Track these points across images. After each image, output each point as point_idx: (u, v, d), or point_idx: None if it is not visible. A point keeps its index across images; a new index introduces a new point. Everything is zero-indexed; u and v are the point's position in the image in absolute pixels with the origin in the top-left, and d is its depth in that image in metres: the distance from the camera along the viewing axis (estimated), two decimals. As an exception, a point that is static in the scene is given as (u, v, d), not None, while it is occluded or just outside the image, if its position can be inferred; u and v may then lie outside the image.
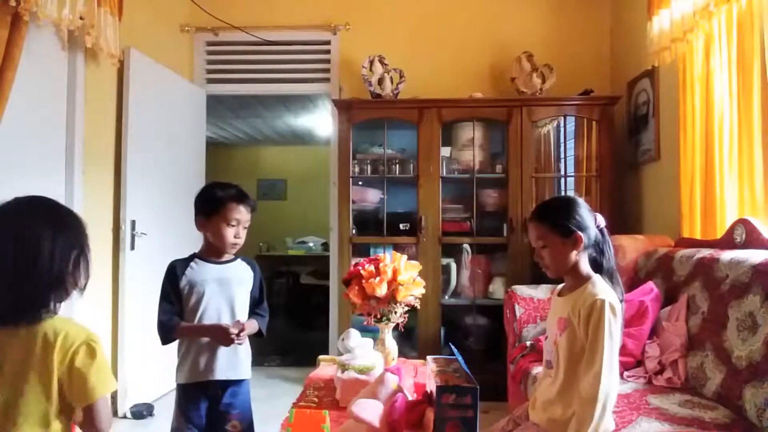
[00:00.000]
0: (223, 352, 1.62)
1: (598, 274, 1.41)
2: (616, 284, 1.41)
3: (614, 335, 1.28)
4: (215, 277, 1.67)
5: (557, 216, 1.39)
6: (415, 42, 3.67)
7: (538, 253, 1.44)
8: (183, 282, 1.65)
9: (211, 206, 1.66)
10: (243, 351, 1.69)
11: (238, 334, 1.58)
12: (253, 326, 1.70)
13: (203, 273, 1.66)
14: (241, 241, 1.68)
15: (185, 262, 1.69)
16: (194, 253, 1.73)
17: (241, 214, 1.65)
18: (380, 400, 1.33)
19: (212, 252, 1.70)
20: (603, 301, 1.29)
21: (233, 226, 1.65)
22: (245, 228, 1.69)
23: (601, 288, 1.34)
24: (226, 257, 1.72)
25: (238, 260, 1.75)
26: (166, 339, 1.64)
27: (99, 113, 2.77)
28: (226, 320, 1.64)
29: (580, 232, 1.36)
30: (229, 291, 1.67)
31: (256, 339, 1.75)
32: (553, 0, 3.66)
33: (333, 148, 3.66)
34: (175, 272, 1.67)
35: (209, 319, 1.63)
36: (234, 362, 1.65)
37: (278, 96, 4.90)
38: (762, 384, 1.50)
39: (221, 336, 1.58)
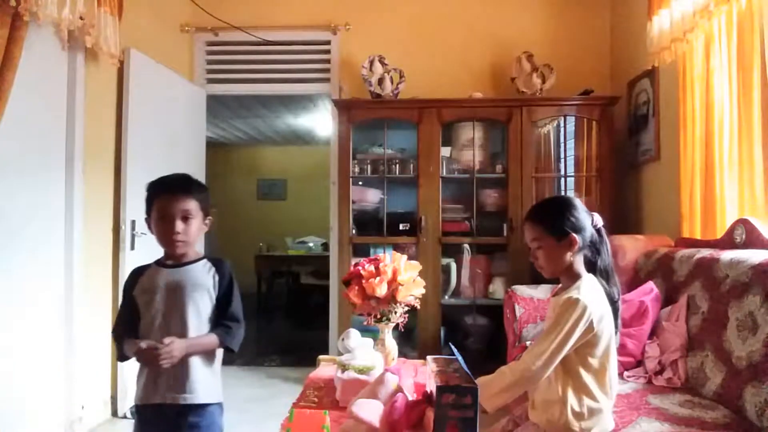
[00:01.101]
0: (166, 370, 1.37)
1: (594, 273, 1.41)
2: (612, 284, 1.41)
3: (571, 336, 1.28)
4: (166, 283, 1.46)
5: (552, 217, 1.39)
6: (415, 42, 3.67)
7: (533, 253, 1.44)
8: (136, 290, 1.48)
9: (146, 202, 1.49)
10: (199, 370, 1.43)
11: (154, 358, 1.32)
12: (204, 342, 1.43)
13: (155, 279, 1.47)
14: (185, 237, 1.45)
15: (144, 267, 1.52)
16: (158, 259, 1.54)
17: (175, 204, 1.44)
18: (380, 400, 1.33)
19: (168, 255, 1.51)
20: (577, 300, 1.30)
21: (168, 220, 1.43)
22: (191, 218, 1.46)
23: (585, 290, 1.34)
24: (186, 259, 1.50)
25: (202, 261, 1.52)
26: (119, 355, 1.48)
27: (99, 113, 2.77)
28: (176, 332, 1.40)
29: (574, 234, 1.36)
30: (180, 298, 1.44)
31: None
32: (554, 0, 3.66)
33: (333, 148, 3.66)
34: (130, 279, 1.52)
35: (158, 332, 1.41)
36: (185, 383, 1.41)
37: (278, 96, 4.91)
38: (762, 384, 1.50)
39: (142, 358, 1.37)
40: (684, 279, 2.08)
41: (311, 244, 6.60)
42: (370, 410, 1.27)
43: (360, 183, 3.47)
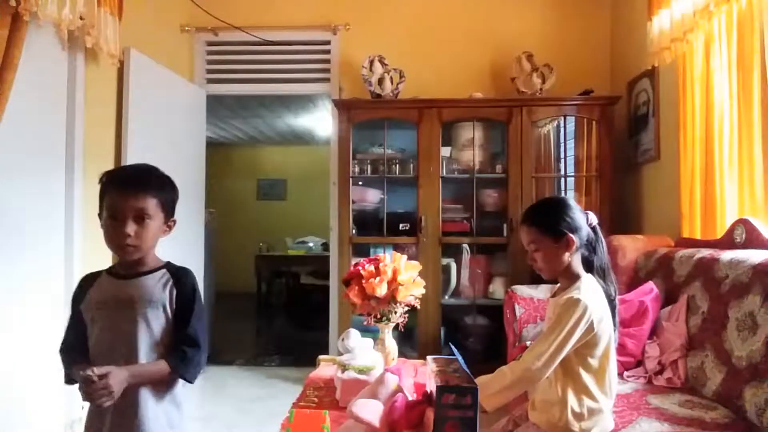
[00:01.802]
0: (111, 406, 1.12)
1: (591, 272, 1.41)
2: (609, 282, 1.42)
3: (572, 336, 1.29)
4: (114, 298, 1.23)
5: (548, 219, 1.40)
6: (415, 42, 3.67)
7: (531, 255, 1.44)
8: (84, 303, 1.26)
9: (99, 196, 1.26)
10: (150, 405, 1.20)
11: (90, 394, 1.08)
12: (151, 371, 1.19)
13: (103, 292, 1.26)
14: (137, 241, 1.21)
15: (95, 276, 1.31)
16: (111, 266, 1.34)
17: (128, 202, 1.20)
18: (380, 400, 1.32)
19: (122, 263, 1.28)
20: (578, 300, 1.30)
21: (118, 219, 1.20)
22: (147, 219, 1.22)
23: (586, 290, 1.34)
24: (142, 268, 1.27)
25: (160, 272, 1.28)
26: (67, 378, 1.24)
27: (99, 113, 2.77)
28: (122, 358, 1.18)
29: (571, 234, 1.36)
30: (130, 317, 1.21)
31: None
32: (554, 0, 3.66)
33: (333, 148, 3.66)
34: (78, 289, 1.30)
35: (104, 356, 1.19)
36: (134, 421, 1.18)
37: (278, 96, 4.92)
38: (762, 384, 1.50)
39: (82, 391, 1.10)
40: (684, 279, 2.08)
41: (311, 244, 6.61)
42: (370, 410, 1.27)
43: (360, 183, 3.47)
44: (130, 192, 1.21)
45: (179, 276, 1.28)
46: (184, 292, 1.26)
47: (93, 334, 1.24)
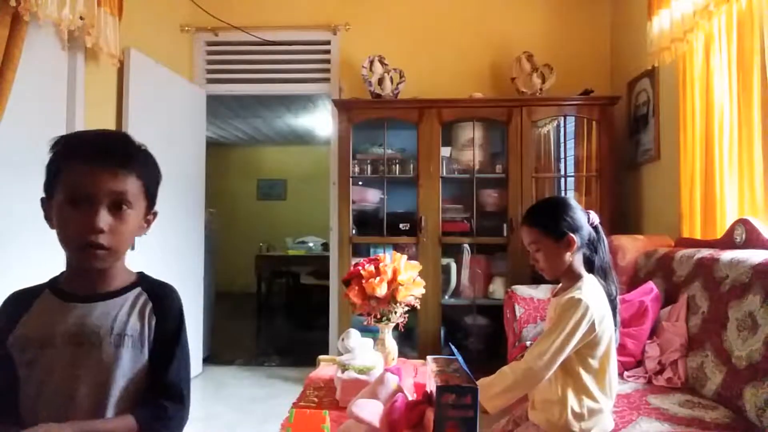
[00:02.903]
0: None
1: (592, 272, 1.41)
2: (610, 281, 1.42)
3: (573, 337, 1.28)
4: (66, 330, 0.87)
5: (548, 219, 1.40)
6: (415, 42, 3.67)
7: (532, 256, 1.45)
8: (14, 338, 0.87)
9: (48, 170, 0.88)
10: None
11: None
12: (108, 429, 0.83)
13: (49, 321, 0.88)
14: (111, 240, 0.86)
15: (27, 297, 0.93)
16: (54, 278, 0.97)
17: (101, 181, 0.85)
18: (380, 400, 1.32)
19: (77, 275, 0.92)
20: (579, 300, 1.30)
21: (85, 207, 0.85)
22: (128, 208, 0.88)
23: (587, 290, 1.34)
24: (109, 283, 0.92)
25: (133, 291, 0.94)
26: None
27: (99, 113, 2.77)
28: (84, 417, 0.84)
29: (572, 234, 1.36)
30: (95, 358, 0.86)
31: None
32: (554, 0, 3.66)
33: (333, 148, 3.66)
34: (2, 318, 0.90)
35: (48, 415, 0.83)
36: None
37: (278, 96, 4.92)
38: (762, 384, 1.50)
39: None
40: (684, 279, 2.08)
41: (311, 244, 6.60)
42: (370, 410, 1.26)
43: (360, 183, 3.47)
44: (107, 167, 0.85)
45: (160, 297, 0.94)
46: (168, 322, 0.93)
47: (31, 384, 0.85)
